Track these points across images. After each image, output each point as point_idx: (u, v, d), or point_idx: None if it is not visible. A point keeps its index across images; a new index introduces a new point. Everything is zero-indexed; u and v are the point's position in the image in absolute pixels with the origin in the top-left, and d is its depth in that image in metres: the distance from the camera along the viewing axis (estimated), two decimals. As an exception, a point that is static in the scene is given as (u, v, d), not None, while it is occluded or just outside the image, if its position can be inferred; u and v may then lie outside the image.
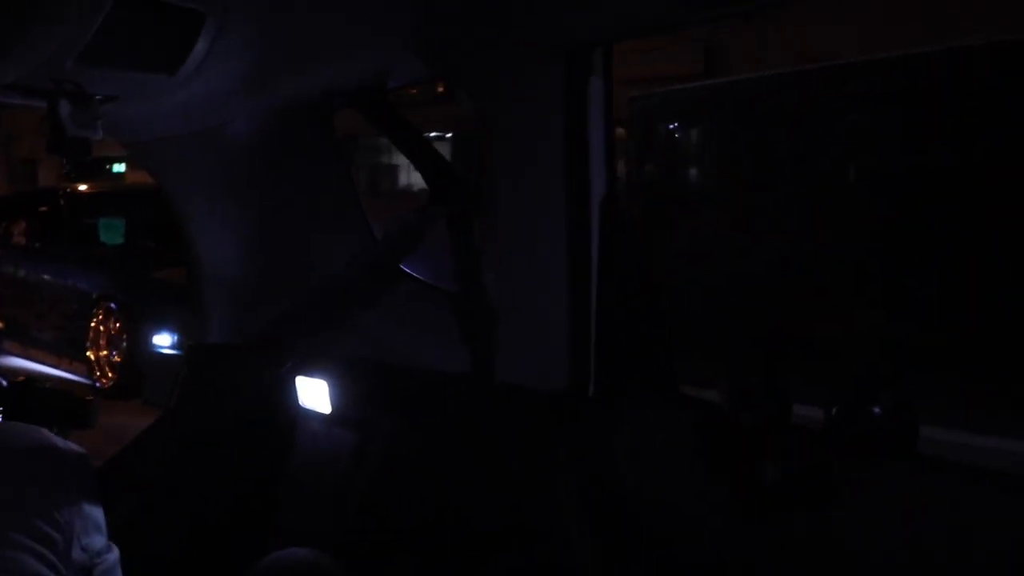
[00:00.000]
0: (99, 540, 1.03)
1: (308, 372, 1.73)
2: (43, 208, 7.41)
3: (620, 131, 5.36)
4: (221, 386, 1.46)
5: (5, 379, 1.31)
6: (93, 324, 6.17)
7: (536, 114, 1.24)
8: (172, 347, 5.76)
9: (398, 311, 1.69)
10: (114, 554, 1.06)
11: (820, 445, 1.18)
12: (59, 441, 1.07)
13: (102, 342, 6.04)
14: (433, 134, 8.61)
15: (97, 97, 1.36)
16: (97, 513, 1.03)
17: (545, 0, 1.16)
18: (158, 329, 5.84)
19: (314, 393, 1.77)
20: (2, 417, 1.23)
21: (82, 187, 7.38)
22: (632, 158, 6.06)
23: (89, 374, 6.12)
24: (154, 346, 5.80)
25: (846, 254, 4.75)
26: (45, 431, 1.08)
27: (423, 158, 1.67)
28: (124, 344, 5.88)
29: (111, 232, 7.06)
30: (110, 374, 6.01)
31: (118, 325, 6.00)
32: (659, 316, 1.34)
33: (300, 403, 1.79)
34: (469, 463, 1.48)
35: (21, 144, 19.26)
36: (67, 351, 6.58)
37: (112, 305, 6.11)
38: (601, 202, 1.25)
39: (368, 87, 1.60)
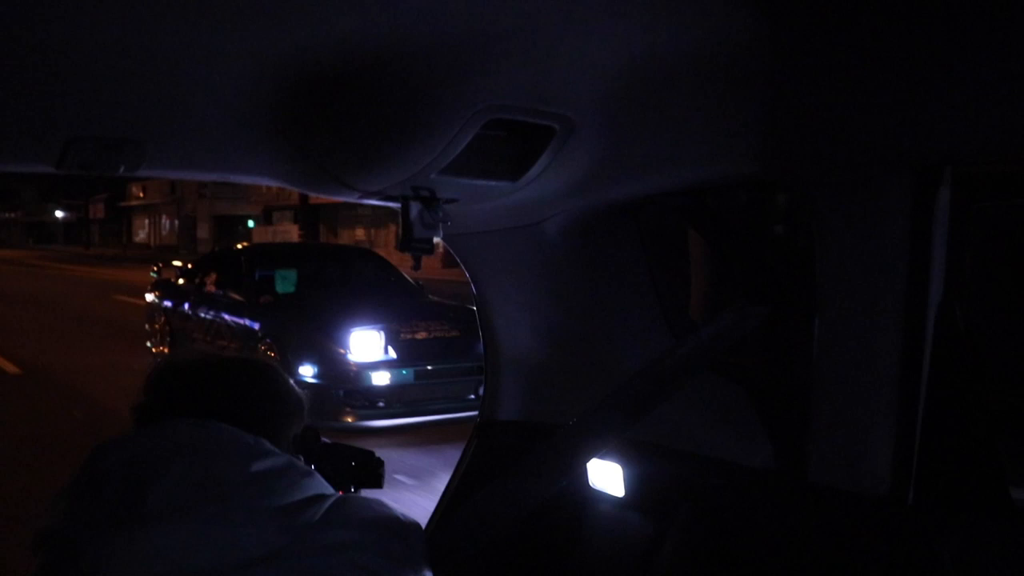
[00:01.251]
0: None
1: (600, 455, 1.68)
2: (230, 257, 8.98)
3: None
4: (508, 462, 1.47)
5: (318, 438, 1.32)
6: (259, 353, 7.35)
7: (878, 225, 1.20)
8: (313, 376, 6.84)
9: (699, 402, 1.65)
10: None
11: None
12: (399, 513, 1.09)
13: (263, 370, 7.33)
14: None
15: (443, 201, 1.45)
16: None
17: (897, 118, 1.11)
18: (303, 362, 6.95)
19: (606, 475, 1.77)
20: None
21: (257, 246, 8.84)
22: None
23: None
24: (300, 375, 6.86)
25: None
26: (385, 502, 1.11)
27: (743, 255, 1.64)
28: (276, 371, 7.08)
29: (285, 283, 8.32)
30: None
31: (275, 356, 7.12)
32: (990, 423, 1.29)
33: (590, 484, 1.80)
34: (770, 561, 1.44)
35: (187, 205, 27.59)
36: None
37: (269, 340, 7.34)
38: (938, 309, 1.22)
39: (690, 189, 1.60)
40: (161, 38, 1.05)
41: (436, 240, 1.45)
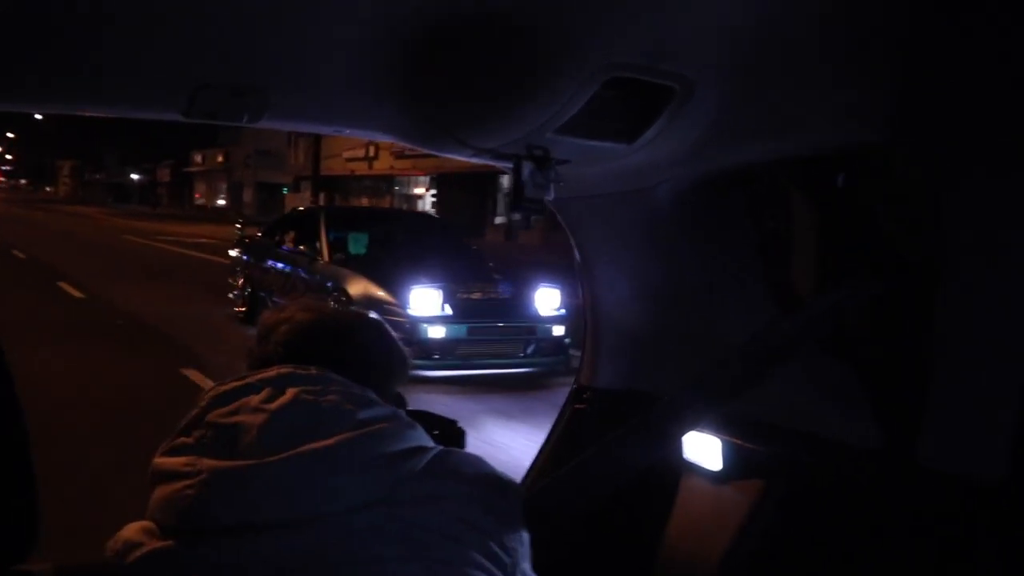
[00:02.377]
0: (529, 568, 1.08)
1: (698, 428, 1.70)
2: (310, 219, 9.73)
3: None
4: (605, 430, 1.47)
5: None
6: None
7: (1011, 204, 1.17)
8: None
9: (803, 378, 1.61)
10: None
11: None
12: (501, 472, 1.11)
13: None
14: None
15: (556, 161, 1.44)
16: (528, 541, 1.08)
17: None
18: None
19: (702, 448, 1.76)
20: None
21: (333, 209, 9.57)
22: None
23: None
24: None
25: None
26: (485, 460, 1.10)
27: (858, 227, 1.61)
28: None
29: (357, 244, 9.09)
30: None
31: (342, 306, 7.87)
32: None
33: (684, 456, 1.79)
34: (872, 547, 1.41)
35: (236, 172, 34.18)
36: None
37: (336, 294, 8.10)
38: None
39: (809, 157, 1.56)
40: None
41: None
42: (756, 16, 1.16)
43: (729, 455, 1.73)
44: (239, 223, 11.75)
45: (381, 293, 7.71)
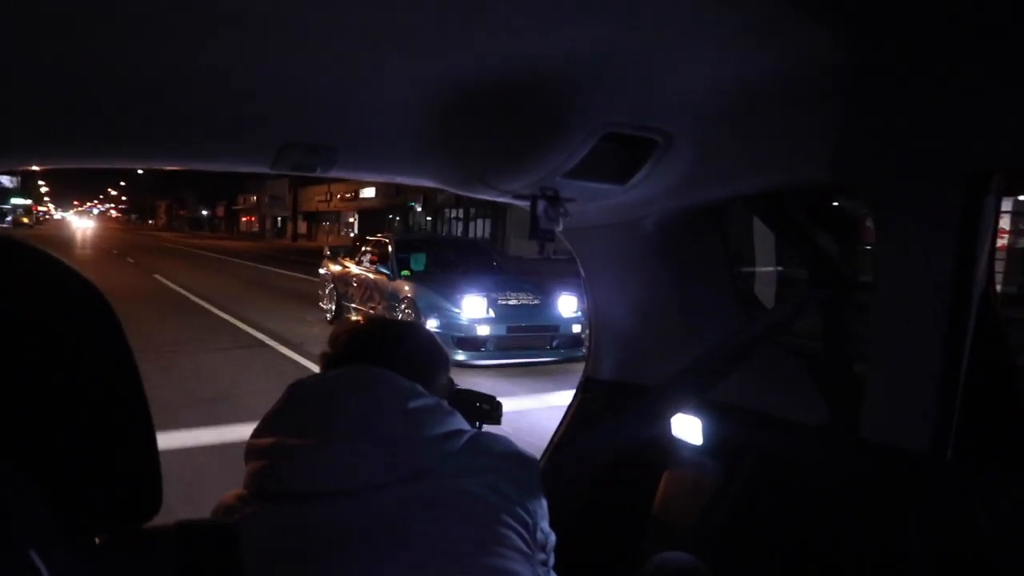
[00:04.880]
0: (547, 526, 1.21)
1: (682, 411, 1.85)
2: (382, 244, 11.50)
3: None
4: (606, 413, 1.60)
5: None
6: (399, 309, 9.69)
7: (931, 227, 1.25)
8: (436, 327, 8.87)
9: (765, 369, 1.74)
10: (553, 537, 1.24)
11: None
12: (521, 448, 1.22)
13: (403, 322, 9.73)
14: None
15: (564, 200, 1.60)
16: (545, 504, 1.21)
17: (955, 127, 1.15)
18: (430, 317, 9.14)
19: (686, 427, 1.93)
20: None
21: (399, 236, 11.47)
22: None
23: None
24: (428, 326, 8.42)
25: None
26: (510, 439, 1.22)
27: (805, 248, 1.74)
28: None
29: (418, 262, 10.57)
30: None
31: (410, 313, 9.41)
32: (1021, 394, 1.35)
33: (673, 434, 1.95)
34: (821, 506, 1.54)
35: (262, 210, 48.62)
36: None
37: (407, 302, 9.68)
38: (980, 296, 1.27)
39: (768, 192, 1.68)
40: (350, 66, 1.21)
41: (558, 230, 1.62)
42: (722, 80, 1.30)
43: (708, 432, 1.89)
44: (326, 249, 13.23)
45: (441, 301, 9.27)
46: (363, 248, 11.94)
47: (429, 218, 41.87)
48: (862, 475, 1.45)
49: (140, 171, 79.72)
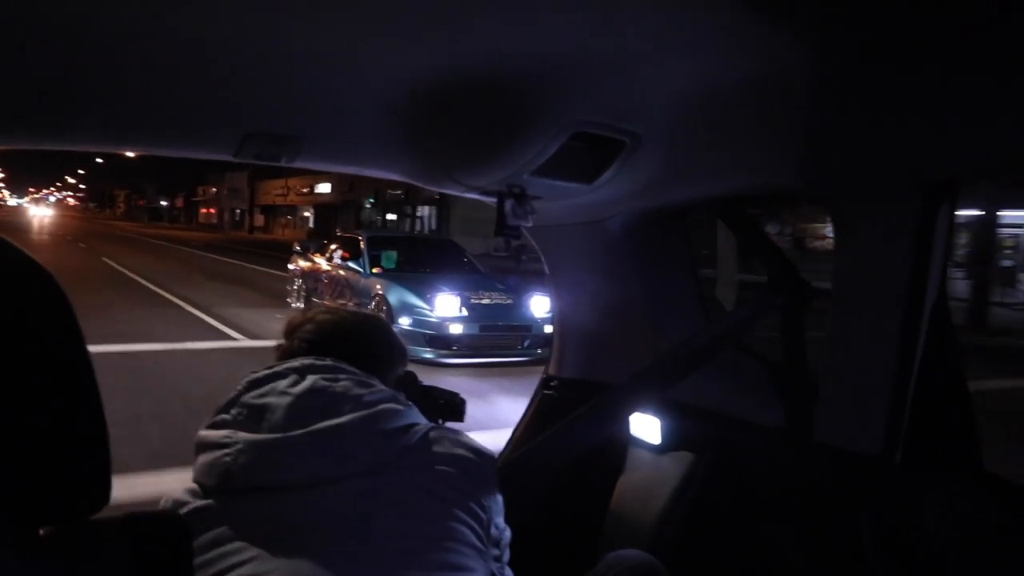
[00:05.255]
0: (501, 522, 1.22)
1: (641, 410, 1.85)
2: (353, 240, 11.46)
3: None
4: (567, 411, 1.58)
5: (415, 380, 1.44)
6: (370, 307, 9.55)
7: (888, 234, 1.27)
8: (409, 326, 8.91)
9: (724, 371, 1.74)
10: (508, 533, 1.25)
11: None
12: (478, 444, 1.22)
13: (372, 318, 9.75)
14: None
15: (531, 197, 1.60)
16: (500, 500, 1.22)
17: (915, 136, 1.16)
18: (401, 315, 9.16)
19: (645, 427, 1.93)
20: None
21: (371, 234, 11.40)
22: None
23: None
24: (398, 324, 8.94)
25: None
26: (466, 435, 1.23)
27: (766, 254, 1.74)
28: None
29: (389, 260, 10.57)
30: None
31: (382, 309, 9.36)
32: (968, 402, 1.37)
33: (631, 433, 1.96)
34: (776, 505, 1.56)
35: (222, 203, 54.73)
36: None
37: (378, 300, 9.73)
38: (933, 306, 1.29)
39: (730, 197, 1.69)
40: (320, 57, 1.22)
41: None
42: (691, 84, 1.32)
43: (666, 432, 1.89)
44: (296, 245, 13.17)
45: (413, 299, 9.28)
46: (333, 244, 11.89)
47: (379, 216, 43.17)
48: (816, 477, 1.47)
49: (99, 159, 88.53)
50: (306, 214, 54.34)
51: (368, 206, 43.35)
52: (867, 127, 1.25)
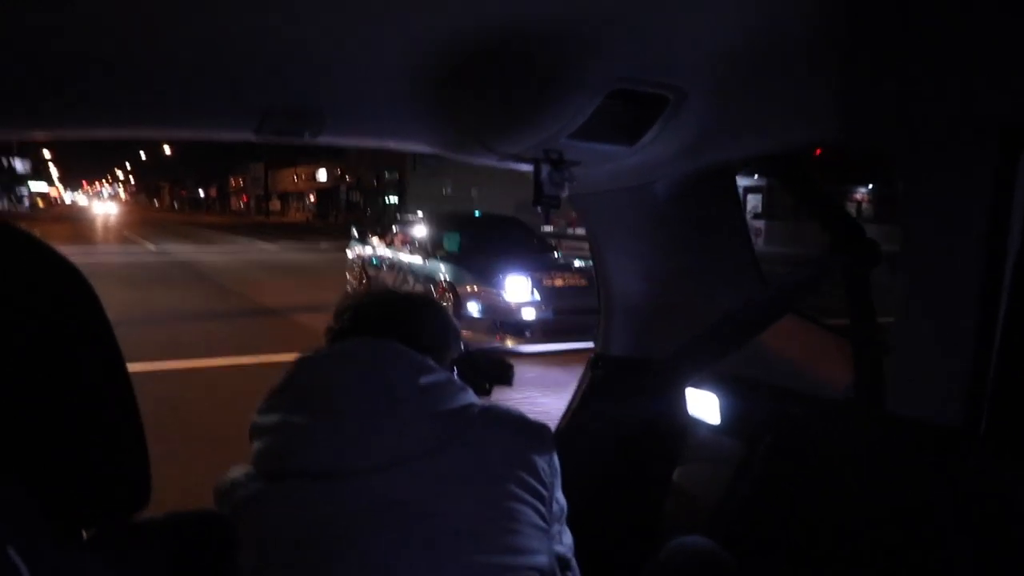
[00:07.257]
0: (560, 494, 1.23)
1: (698, 385, 1.80)
2: (415, 224, 11.11)
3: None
4: (620, 391, 1.51)
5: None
6: (437, 294, 9.22)
7: (963, 184, 1.23)
8: (478, 313, 8.74)
9: (786, 340, 1.70)
10: (565, 506, 1.26)
11: None
12: (531, 418, 1.23)
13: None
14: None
15: (569, 163, 1.54)
16: (557, 465, 1.22)
17: (985, 81, 1.13)
18: (469, 301, 8.88)
19: (703, 404, 1.88)
20: (457, 376, 1.30)
21: (433, 214, 10.99)
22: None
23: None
24: (467, 311, 8.78)
25: None
26: (518, 409, 1.23)
27: (826, 212, 1.69)
28: (450, 307, 8.75)
29: (451, 243, 10.19)
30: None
31: (449, 296, 9.12)
32: None
33: (689, 412, 1.90)
34: (847, 485, 1.50)
35: (247, 191, 56.64)
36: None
37: (444, 282, 9.41)
38: (1015, 262, 1.23)
39: (786, 152, 1.63)
40: (338, 25, 1.18)
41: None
42: (736, 34, 1.26)
43: (726, 410, 1.88)
44: (353, 231, 12.86)
45: (481, 283, 8.92)
46: (394, 229, 11.68)
47: (360, 200, 50.55)
48: (889, 451, 1.42)
49: (142, 152, 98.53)
50: (310, 198, 62.61)
51: (345, 191, 51.85)
52: (930, 73, 1.20)
